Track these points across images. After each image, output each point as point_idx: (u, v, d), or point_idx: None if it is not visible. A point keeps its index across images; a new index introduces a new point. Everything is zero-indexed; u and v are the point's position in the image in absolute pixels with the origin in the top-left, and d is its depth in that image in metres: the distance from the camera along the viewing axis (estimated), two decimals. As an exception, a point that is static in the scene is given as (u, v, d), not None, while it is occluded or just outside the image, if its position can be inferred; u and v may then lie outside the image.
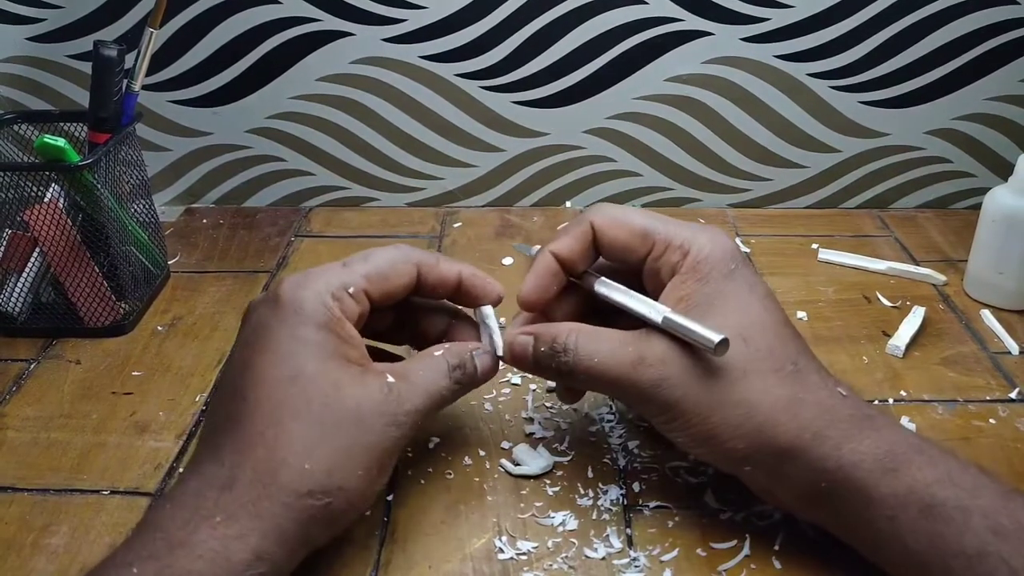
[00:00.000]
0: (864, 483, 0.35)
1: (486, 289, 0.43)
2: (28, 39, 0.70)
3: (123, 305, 0.59)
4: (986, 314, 0.59)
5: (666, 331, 0.38)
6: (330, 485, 0.34)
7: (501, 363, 0.43)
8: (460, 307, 0.45)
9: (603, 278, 0.43)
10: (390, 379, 0.37)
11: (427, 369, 0.39)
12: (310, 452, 0.34)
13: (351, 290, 0.38)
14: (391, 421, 0.36)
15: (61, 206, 0.55)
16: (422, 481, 0.45)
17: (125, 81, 0.59)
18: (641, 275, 0.42)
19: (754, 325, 0.38)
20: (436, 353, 0.40)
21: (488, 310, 0.43)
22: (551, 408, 0.50)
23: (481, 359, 0.41)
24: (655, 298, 0.40)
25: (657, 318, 0.38)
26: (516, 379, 0.53)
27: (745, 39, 0.69)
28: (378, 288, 0.40)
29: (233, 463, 0.34)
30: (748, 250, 0.69)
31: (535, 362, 0.41)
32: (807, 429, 0.36)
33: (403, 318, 0.44)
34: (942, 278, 0.63)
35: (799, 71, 0.70)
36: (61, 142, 0.53)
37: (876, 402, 0.51)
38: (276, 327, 0.37)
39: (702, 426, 0.37)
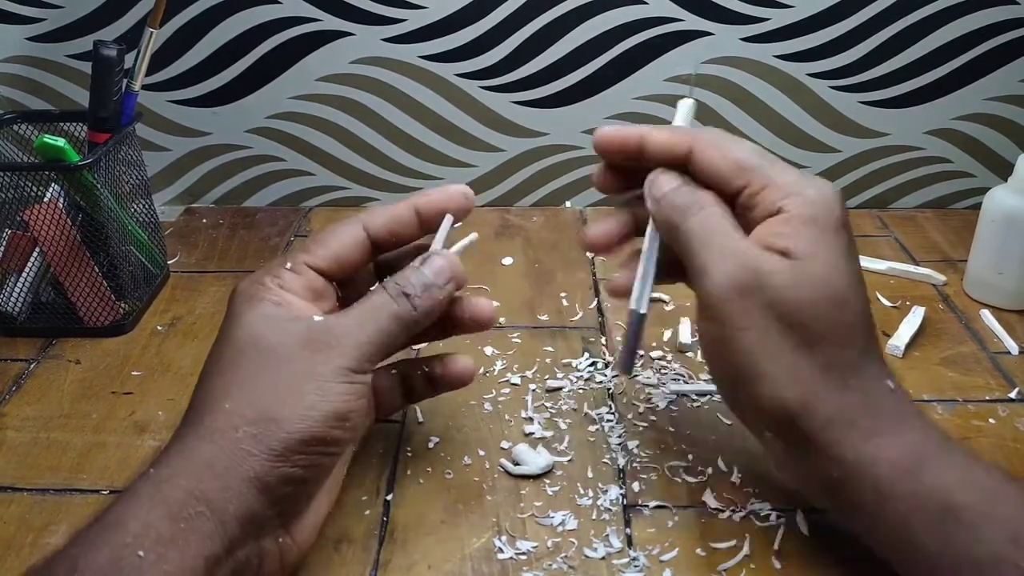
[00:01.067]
0: (878, 480, 0.34)
1: (447, 198, 0.41)
2: (28, 39, 0.70)
3: (123, 305, 0.59)
4: (986, 314, 0.59)
5: (787, 263, 0.36)
6: (255, 417, 0.34)
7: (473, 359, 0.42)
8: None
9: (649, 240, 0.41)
10: (316, 318, 0.38)
11: (369, 295, 0.39)
12: (229, 394, 0.35)
13: (288, 266, 0.39)
14: (320, 346, 0.36)
15: (61, 206, 0.55)
16: (422, 481, 0.45)
17: (125, 81, 0.59)
18: (734, 206, 0.39)
19: (849, 293, 0.36)
20: (374, 286, 0.40)
21: (446, 222, 0.41)
22: (551, 408, 0.50)
23: (429, 264, 0.40)
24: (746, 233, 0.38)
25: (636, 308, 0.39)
26: (516, 379, 0.53)
27: (745, 39, 0.69)
28: (320, 256, 0.40)
29: (174, 429, 0.36)
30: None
31: (663, 198, 0.39)
32: (843, 414, 0.35)
33: (386, 272, 0.43)
34: (942, 278, 0.63)
35: (799, 71, 0.70)
36: (61, 142, 0.53)
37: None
38: (225, 317, 0.39)
39: (750, 369, 0.35)
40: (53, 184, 0.55)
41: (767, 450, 0.38)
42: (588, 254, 0.68)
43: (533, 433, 0.48)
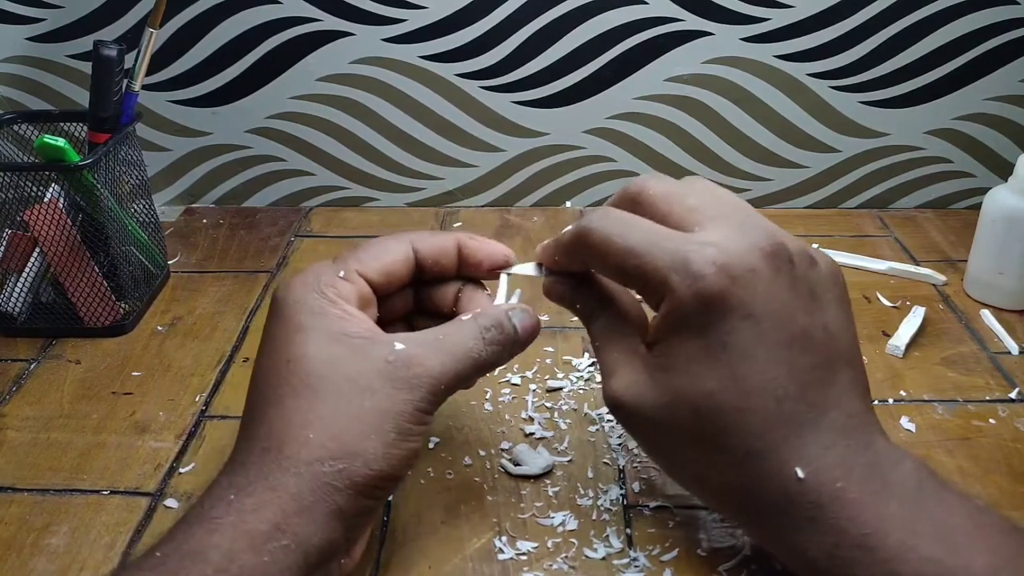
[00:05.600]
0: (818, 571, 0.33)
1: (485, 249, 0.42)
2: (28, 39, 0.70)
3: (123, 305, 0.59)
4: (986, 314, 0.59)
5: (646, 364, 0.36)
6: (339, 451, 0.34)
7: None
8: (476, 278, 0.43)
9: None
10: (398, 346, 0.36)
11: (452, 331, 0.38)
12: (311, 423, 0.34)
13: (341, 273, 0.38)
14: (400, 384, 0.35)
15: (61, 206, 0.55)
16: (422, 481, 0.45)
17: (125, 81, 0.59)
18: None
19: (713, 397, 0.33)
20: (464, 317, 0.39)
21: (504, 277, 0.42)
22: (551, 408, 0.50)
23: (519, 317, 0.39)
24: None
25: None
26: (516, 379, 0.53)
27: (745, 39, 0.69)
28: (371, 267, 0.39)
29: (242, 448, 0.35)
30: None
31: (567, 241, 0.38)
32: (752, 519, 0.35)
33: (421, 299, 0.43)
34: (942, 278, 0.63)
35: (799, 71, 0.70)
36: (61, 142, 0.53)
37: (876, 402, 0.51)
38: (274, 324, 0.37)
39: (684, 476, 0.37)
40: (53, 184, 0.55)
41: None
42: None
43: (533, 433, 0.48)
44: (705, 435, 0.34)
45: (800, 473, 0.32)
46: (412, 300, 0.43)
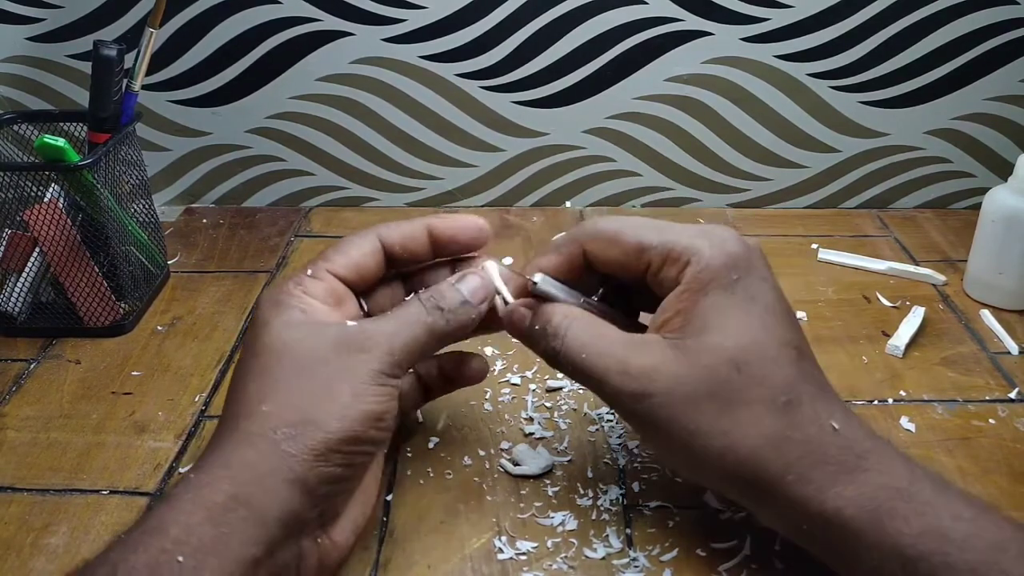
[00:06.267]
0: (847, 530, 0.33)
1: (460, 227, 0.42)
2: (28, 39, 0.70)
3: (123, 305, 0.59)
4: (986, 314, 0.59)
5: (665, 342, 0.36)
6: (293, 418, 0.34)
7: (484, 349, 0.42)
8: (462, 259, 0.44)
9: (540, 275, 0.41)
10: (350, 323, 0.38)
11: (399, 307, 0.39)
12: (266, 396, 0.35)
13: (309, 272, 0.40)
14: (354, 349, 0.36)
15: (61, 206, 0.55)
16: (422, 481, 0.45)
17: (125, 81, 0.59)
18: (649, 289, 0.39)
19: (749, 348, 0.35)
20: (408, 297, 0.40)
21: (491, 266, 0.41)
22: (551, 408, 0.50)
23: (467, 283, 0.40)
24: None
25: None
26: (516, 379, 0.53)
27: (745, 39, 0.69)
28: (339, 263, 0.40)
29: (211, 435, 0.36)
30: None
31: (528, 337, 0.40)
32: (791, 470, 0.34)
33: (410, 290, 0.44)
34: (942, 278, 0.63)
35: (799, 71, 0.70)
36: (61, 142, 0.53)
37: (876, 403, 0.51)
38: (251, 327, 0.39)
39: (683, 452, 0.36)
40: (53, 184, 0.55)
41: (740, 505, 0.38)
42: None
43: (533, 433, 0.48)
44: (745, 389, 0.35)
45: (835, 425, 0.35)
46: (402, 292, 0.44)
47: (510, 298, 0.41)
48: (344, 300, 0.40)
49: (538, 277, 0.40)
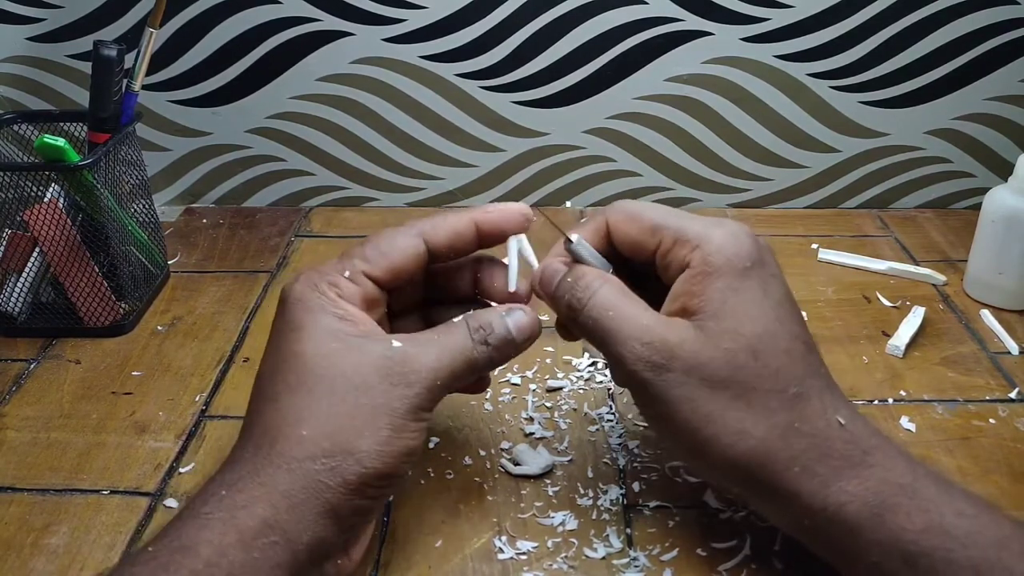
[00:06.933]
0: (849, 526, 0.33)
1: (507, 217, 0.40)
2: (28, 39, 0.70)
3: (123, 305, 0.59)
4: (986, 314, 0.59)
5: (688, 323, 0.36)
6: (332, 448, 0.34)
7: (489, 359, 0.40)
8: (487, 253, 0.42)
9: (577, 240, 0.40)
10: (395, 343, 0.36)
11: (444, 331, 0.38)
12: (305, 420, 0.34)
13: (346, 274, 0.38)
14: (398, 380, 0.35)
15: (61, 206, 0.55)
16: (422, 481, 0.45)
17: (125, 81, 0.59)
18: (658, 279, 0.39)
19: (763, 337, 0.35)
20: (456, 319, 0.38)
21: (514, 242, 0.40)
22: (551, 408, 0.50)
23: (514, 318, 0.38)
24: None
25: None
26: (516, 379, 0.53)
27: (745, 39, 0.69)
28: (379, 266, 0.39)
29: (238, 445, 0.35)
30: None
31: (555, 291, 0.39)
32: (796, 462, 0.34)
33: (436, 284, 0.43)
34: (942, 278, 0.63)
35: (799, 71, 0.70)
36: (61, 142, 0.53)
37: (876, 402, 0.51)
38: (277, 321, 0.38)
39: (691, 436, 0.35)
40: (53, 184, 0.55)
41: (742, 502, 0.38)
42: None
43: (533, 433, 0.48)
44: (759, 378, 0.35)
45: (842, 420, 0.35)
46: (423, 287, 0.43)
47: (514, 286, 0.41)
48: (376, 303, 0.39)
49: (575, 236, 0.40)
